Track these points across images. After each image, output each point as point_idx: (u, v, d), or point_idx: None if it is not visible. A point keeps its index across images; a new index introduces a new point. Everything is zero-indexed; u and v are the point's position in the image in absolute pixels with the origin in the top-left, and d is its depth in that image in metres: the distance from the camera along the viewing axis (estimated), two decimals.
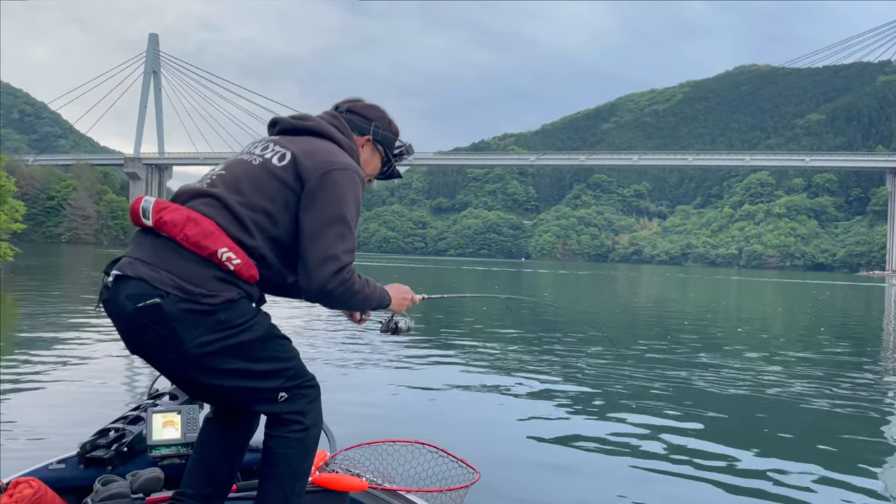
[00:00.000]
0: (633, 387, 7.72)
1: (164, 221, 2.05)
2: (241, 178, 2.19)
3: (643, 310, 22.24)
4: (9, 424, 4.94)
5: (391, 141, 2.57)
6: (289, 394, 2.20)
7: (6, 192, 22.93)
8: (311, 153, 2.22)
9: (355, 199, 2.22)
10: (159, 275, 2.02)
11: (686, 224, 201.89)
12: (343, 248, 2.13)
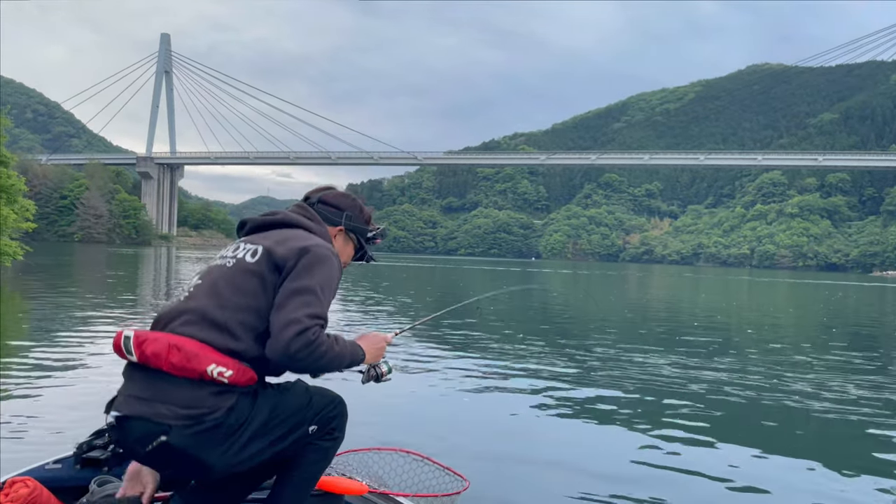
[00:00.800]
0: (637, 388, 7.68)
1: (147, 355, 2.10)
2: (219, 282, 2.25)
3: (653, 310, 22.13)
4: (5, 424, 4.95)
5: (363, 230, 2.63)
6: (318, 425, 2.37)
7: (16, 192, 23.03)
8: (283, 241, 2.29)
9: (327, 272, 2.24)
10: (157, 409, 2.06)
11: (697, 224, 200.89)
12: (306, 312, 2.11)
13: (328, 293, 2.21)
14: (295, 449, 2.36)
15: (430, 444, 4.70)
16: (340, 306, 16.24)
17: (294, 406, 2.31)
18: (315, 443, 2.38)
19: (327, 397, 2.44)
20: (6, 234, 22.36)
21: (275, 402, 2.26)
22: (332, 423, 2.40)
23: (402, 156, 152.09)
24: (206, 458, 2.10)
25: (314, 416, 2.36)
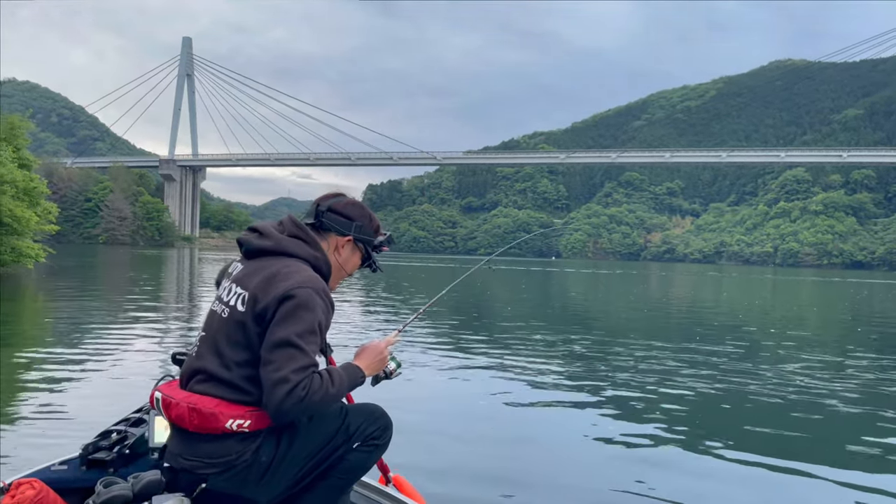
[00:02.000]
0: (654, 387, 7.59)
1: (174, 418, 2.29)
2: (219, 338, 2.32)
3: (674, 309, 21.93)
4: (12, 426, 4.99)
5: (371, 240, 2.63)
6: (360, 441, 2.43)
7: (39, 194, 23.33)
8: (266, 286, 2.26)
9: (310, 318, 2.23)
10: (193, 462, 2.25)
11: (720, 222, 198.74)
12: (291, 367, 2.14)
13: (313, 338, 2.22)
14: (335, 461, 2.43)
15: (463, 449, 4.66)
16: (360, 308, 16.26)
17: (328, 431, 2.39)
18: (355, 451, 2.44)
19: (364, 413, 2.49)
20: (28, 237, 22.69)
21: (306, 432, 2.35)
22: (373, 434, 2.46)
23: (422, 156, 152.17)
24: (248, 494, 2.27)
25: (353, 435, 2.42)
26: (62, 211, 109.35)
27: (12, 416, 5.29)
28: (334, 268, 2.52)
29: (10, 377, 6.95)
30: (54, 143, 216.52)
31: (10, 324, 11.64)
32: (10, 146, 22.37)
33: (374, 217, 2.65)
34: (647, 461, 4.91)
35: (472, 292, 26.44)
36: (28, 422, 5.19)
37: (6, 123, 23.64)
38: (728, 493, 4.26)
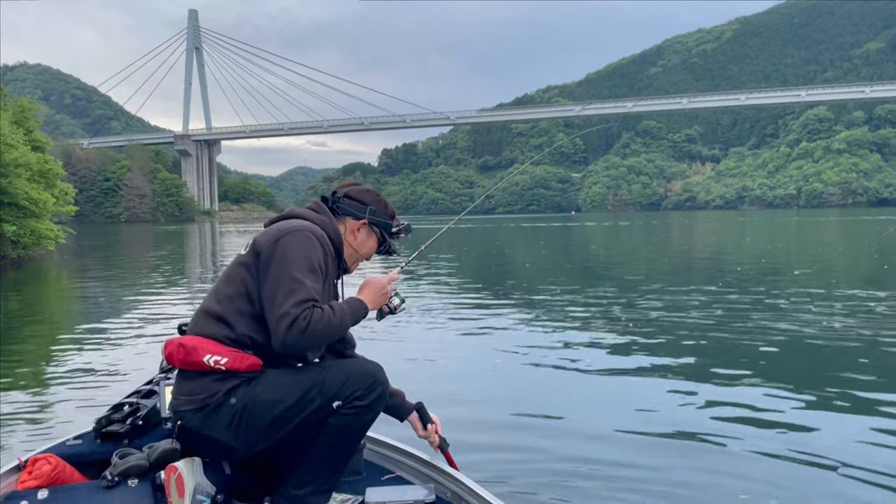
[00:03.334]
0: (681, 335, 7.52)
1: (167, 357, 2.41)
2: (221, 279, 2.48)
3: (696, 256, 21.72)
4: (27, 404, 5.05)
5: (387, 224, 2.72)
6: (340, 400, 2.35)
7: (54, 176, 23.49)
8: (268, 231, 2.44)
9: (303, 250, 2.34)
10: (179, 401, 2.38)
11: (741, 166, 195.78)
12: (292, 301, 2.22)
13: (310, 273, 2.31)
14: (316, 421, 2.37)
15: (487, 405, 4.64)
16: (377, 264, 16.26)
17: (302, 386, 2.34)
18: (339, 414, 2.37)
19: (347, 372, 2.40)
20: (47, 219, 22.92)
21: (279, 384, 2.34)
22: (355, 395, 2.36)
23: (435, 117, 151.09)
24: (220, 437, 2.31)
25: (330, 393, 2.34)
26: (82, 192, 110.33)
27: (27, 395, 5.35)
28: (350, 250, 2.64)
29: (29, 356, 7.05)
30: (70, 125, 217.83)
31: (32, 305, 11.81)
32: (22, 129, 22.49)
33: (389, 204, 2.77)
34: (668, 401, 4.86)
35: (491, 251, 26.38)
36: (42, 399, 5.24)
37: (17, 106, 23.76)
38: (761, 438, 4.17)
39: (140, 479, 2.62)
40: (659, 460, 3.85)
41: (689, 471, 3.70)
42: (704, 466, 3.76)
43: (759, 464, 3.77)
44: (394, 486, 2.64)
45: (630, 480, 3.57)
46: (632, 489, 3.45)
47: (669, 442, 4.15)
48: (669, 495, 3.38)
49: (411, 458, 2.80)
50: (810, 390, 5.20)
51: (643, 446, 4.07)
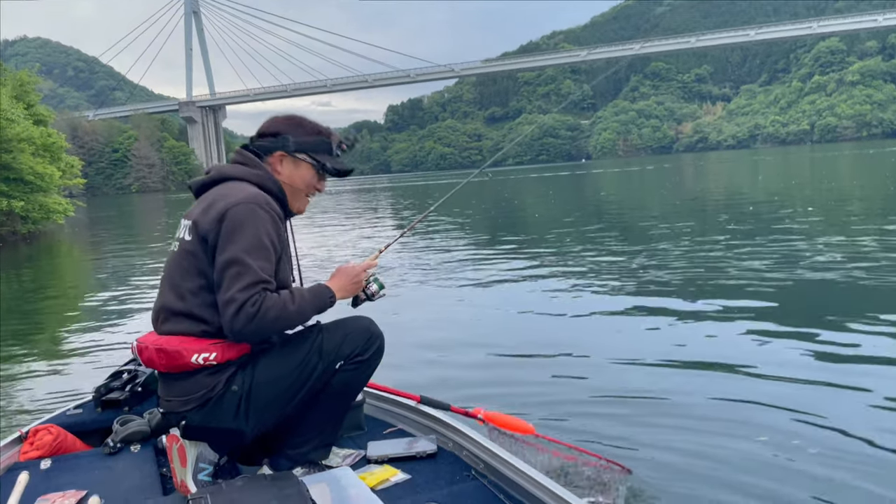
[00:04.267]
0: (696, 281, 7.44)
1: (146, 362, 2.28)
2: (173, 271, 2.30)
3: (709, 198, 21.49)
4: (28, 376, 5.09)
5: (310, 143, 2.41)
6: (342, 360, 2.33)
7: (59, 149, 23.45)
8: (206, 210, 2.23)
9: (251, 230, 2.16)
10: (173, 403, 2.25)
11: (752, 104, 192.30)
12: (238, 286, 2.08)
13: (261, 252, 2.15)
14: (321, 385, 2.35)
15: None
16: (373, 231, 16.19)
17: (300, 354, 2.30)
18: (341, 372, 2.36)
19: (342, 330, 2.37)
20: (55, 192, 22.97)
21: (277, 356, 2.29)
22: (356, 352, 2.36)
23: (439, 70, 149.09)
24: (229, 426, 2.23)
25: (331, 355, 2.32)
26: (91, 164, 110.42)
27: (24, 369, 5.39)
28: (286, 188, 2.39)
29: (35, 331, 7.11)
30: (74, 98, 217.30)
31: (43, 280, 11.90)
32: (22, 103, 22.40)
33: (307, 123, 2.46)
34: (687, 349, 4.82)
35: (499, 202, 26.23)
36: (40, 371, 5.28)
37: (16, 80, 23.62)
38: (789, 393, 4.12)
39: (142, 445, 2.65)
40: (678, 392, 3.86)
41: (709, 403, 3.70)
42: (726, 398, 3.76)
43: (781, 399, 3.72)
44: (396, 439, 2.64)
45: (649, 411, 3.57)
46: (649, 421, 3.44)
47: (690, 373, 4.15)
48: (690, 428, 3.38)
49: (412, 412, 2.79)
50: (825, 328, 5.14)
51: (661, 377, 4.06)
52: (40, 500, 2.22)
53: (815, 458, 3.02)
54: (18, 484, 2.30)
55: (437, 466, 2.40)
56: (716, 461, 3.05)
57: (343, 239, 15.06)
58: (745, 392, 3.84)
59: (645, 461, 3.05)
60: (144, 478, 2.40)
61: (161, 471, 2.46)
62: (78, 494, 2.24)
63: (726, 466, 2.99)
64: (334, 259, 11.37)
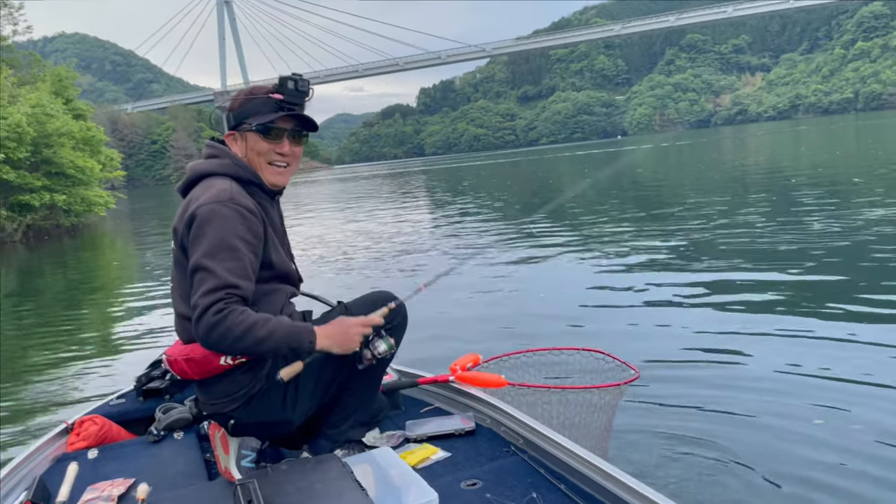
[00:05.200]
0: (740, 256, 7.28)
1: (179, 374, 2.23)
2: (175, 279, 2.23)
3: (749, 171, 21.01)
4: (70, 369, 5.18)
5: (243, 111, 2.21)
6: (372, 332, 2.26)
7: (98, 142, 23.89)
8: (181, 216, 2.14)
9: (216, 231, 2.03)
10: (217, 405, 2.21)
11: (793, 73, 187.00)
12: (201, 291, 1.97)
13: (226, 254, 2.01)
14: (353, 359, 2.33)
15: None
16: (414, 216, 16.16)
17: None
18: (370, 342, 2.33)
19: (366, 305, 2.35)
20: (95, 185, 23.43)
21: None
22: (381, 325, 2.31)
23: (470, 50, 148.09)
24: (276, 417, 2.21)
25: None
26: (131, 156, 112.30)
27: (70, 361, 5.49)
28: (253, 164, 2.23)
29: (81, 323, 7.25)
30: (113, 91, 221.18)
31: (87, 272, 12.16)
32: (61, 98, 22.86)
33: (239, 92, 2.27)
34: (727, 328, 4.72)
35: (532, 183, 26.02)
36: (84, 363, 5.38)
37: (53, 76, 24.12)
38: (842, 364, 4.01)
39: (185, 432, 2.69)
40: (728, 372, 3.79)
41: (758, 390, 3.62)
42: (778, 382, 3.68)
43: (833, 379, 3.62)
44: (433, 418, 2.64)
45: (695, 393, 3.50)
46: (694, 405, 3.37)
47: (739, 350, 4.06)
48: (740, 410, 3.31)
49: (448, 389, 2.79)
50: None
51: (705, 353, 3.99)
52: (90, 489, 2.26)
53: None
54: (69, 474, 2.34)
55: (476, 443, 2.40)
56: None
57: (368, 227, 15.10)
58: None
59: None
60: (189, 464, 2.44)
61: (205, 456, 2.50)
62: (126, 482, 2.28)
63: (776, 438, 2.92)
64: (352, 252, 11.40)
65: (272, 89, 2.19)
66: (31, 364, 5.55)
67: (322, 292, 2.75)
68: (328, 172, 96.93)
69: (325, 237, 13.37)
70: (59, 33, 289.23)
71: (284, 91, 2.18)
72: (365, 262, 9.48)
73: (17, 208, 21.73)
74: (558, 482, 1.98)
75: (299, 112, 2.23)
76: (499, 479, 2.08)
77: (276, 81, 2.20)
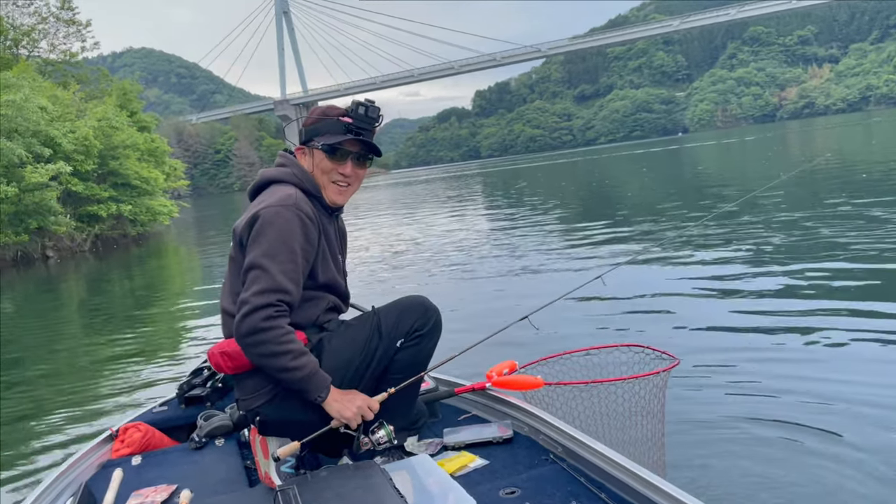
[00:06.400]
0: (818, 255, 7.00)
1: (216, 368, 2.30)
2: (226, 277, 2.33)
3: (816, 166, 20.23)
4: (114, 379, 5.30)
5: (315, 128, 2.34)
6: (402, 337, 2.32)
7: (162, 153, 24.66)
8: (245, 216, 2.24)
9: (274, 233, 2.13)
10: (247, 400, 2.26)
11: (863, 64, 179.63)
12: (253, 290, 2.06)
13: (283, 256, 2.11)
14: (385, 364, 2.36)
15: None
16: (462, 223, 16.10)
17: (362, 335, 2.32)
18: (403, 349, 2.36)
19: (396, 310, 2.37)
20: (159, 195, 24.22)
21: (340, 341, 2.30)
22: (414, 328, 2.35)
23: (525, 51, 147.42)
24: (301, 417, 2.23)
25: (390, 334, 2.33)
26: (196, 166, 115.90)
27: (115, 369, 5.63)
28: (317, 180, 2.34)
29: (147, 332, 7.45)
30: (178, 103, 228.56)
31: (151, 279, 12.53)
32: (126, 111, 23.74)
33: (318, 109, 2.41)
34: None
35: (588, 183, 25.67)
36: (127, 373, 5.51)
37: (118, 89, 25.08)
38: None
39: (226, 439, 2.74)
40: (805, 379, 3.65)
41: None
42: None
43: None
44: (471, 426, 2.62)
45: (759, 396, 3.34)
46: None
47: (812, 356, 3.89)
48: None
49: (485, 397, 2.76)
50: None
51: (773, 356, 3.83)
52: (134, 494, 2.31)
53: None
54: (114, 480, 2.40)
55: (514, 451, 2.38)
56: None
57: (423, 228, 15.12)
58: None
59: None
60: (230, 471, 2.47)
61: (245, 463, 2.53)
62: (169, 488, 2.32)
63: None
64: (401, 258, 11.42)
65: (344, 112, 2.31)
66: (86, 371, 5.74)
67: (372, 294, 2.77)
68: (386, 177, 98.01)
69: (378, 241, 13.48)
70: (128, 48, 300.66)
71: (355, 116, 2.28)
72: (412, 267, 9.50)
73: (86, 219, 22.72)
74: (598, 491, 1.96)
75: (367, 138, 2.31)
76: (538, 487, 2.06)
77: (351, 104, 2.32)
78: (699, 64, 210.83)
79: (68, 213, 21.87)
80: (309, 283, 2.24)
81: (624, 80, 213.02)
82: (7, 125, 19.77)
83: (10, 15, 28.05)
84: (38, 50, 28.86)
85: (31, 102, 20.21)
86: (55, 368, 6.10)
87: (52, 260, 20.68)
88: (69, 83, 24.96)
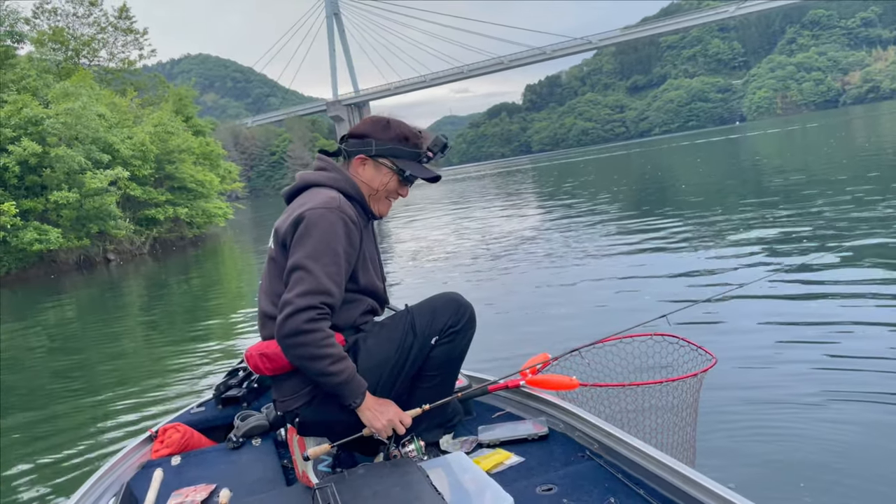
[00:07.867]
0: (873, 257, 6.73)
1: (254, 370, 2.32)
2: (265, 277, 2.35)
3: (881, 152, 19.43)
4: (152, 380, 5.40)
5: (393, 148, 2.36)
6: (436, 335, 2.32)
7: (217, 157, 25.23)
8: (287, 217, 2.26)
9: (320, 235, 2.15)
10: (286, 401, 2.28)
11: None
12: (297, 290, 2.08)
13: (328, 258, 2.13)
14: (420, 363, 2.37)
15: None
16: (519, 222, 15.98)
17: (396, 335, 2.32)
18: (438, 346, 2.36)
19: (430, 308, 2.37)
20: (214, 197, 24.79)
21: (375, 342, 2.31)
22: (448, 325, 2.35)
23: (576, 43, 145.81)
24: (339, 417, 2.24)
25: (425, 332, 2.33)
26: (252, 168, 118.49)
27: (151, 373, 5.74)
28: (367, 190, 2.38)
29: (194, 331, 7.61)
30: (234, 107, 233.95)
31: (207, 281, 12.81)
32: (181, 116, 24.38)
33: (394, 126, 2.39)
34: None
35: (641, 175, 25.21)
36: (165, 374, 5.61)
37: (174, 95, 25.77)
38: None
39: (263, 439, 2.77)
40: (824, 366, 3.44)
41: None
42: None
43: None
44: (506, 423, 2.62)
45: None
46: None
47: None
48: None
49: (520, 394, 2.74)
50: None
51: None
52: (174, 494, 2.35)
53: None
54: (154, 480, 2.44)
55: (549, 448, 2.36)
56: None
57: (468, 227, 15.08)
58: None
59: None
60: (268, 470, 2.50)
61: (282, 462, 2.56)
62: (208, 488, 2.36)
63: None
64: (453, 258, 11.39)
65: (430, 144, 2.37)
66: (133, 372, 5.87)
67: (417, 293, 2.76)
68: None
69: (428, 238, 13.51)
70: (185, 55, 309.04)
71: (435, 152, 2.37)
72: (452, 266, 9.47)
73: (144, 222, 23.45)
74: (636, 487, 1.96)
75: (437, 173, 2.42)
76: (575, 484, 2.06)
77: (437, 140, 2.37)
78: (756, 50, 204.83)
79: (127, 217, 22.64)
80: (350, 286, 2.25)
81: (678, 69, 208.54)
82: (67, 133, 20.57)
83: (71, 26, 29.24)
84: (98, 59, 29.99)
85: (90, 110, 20.94)
86: (111, 370, 6.27)
87: (114, 263, 21.43)
88: (127, 90, 25.79)
